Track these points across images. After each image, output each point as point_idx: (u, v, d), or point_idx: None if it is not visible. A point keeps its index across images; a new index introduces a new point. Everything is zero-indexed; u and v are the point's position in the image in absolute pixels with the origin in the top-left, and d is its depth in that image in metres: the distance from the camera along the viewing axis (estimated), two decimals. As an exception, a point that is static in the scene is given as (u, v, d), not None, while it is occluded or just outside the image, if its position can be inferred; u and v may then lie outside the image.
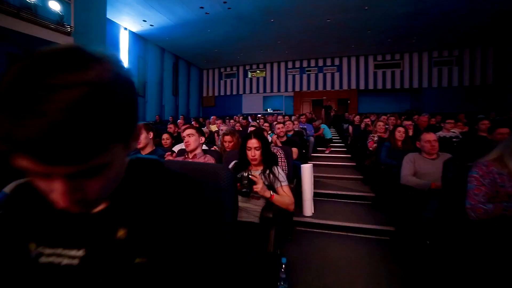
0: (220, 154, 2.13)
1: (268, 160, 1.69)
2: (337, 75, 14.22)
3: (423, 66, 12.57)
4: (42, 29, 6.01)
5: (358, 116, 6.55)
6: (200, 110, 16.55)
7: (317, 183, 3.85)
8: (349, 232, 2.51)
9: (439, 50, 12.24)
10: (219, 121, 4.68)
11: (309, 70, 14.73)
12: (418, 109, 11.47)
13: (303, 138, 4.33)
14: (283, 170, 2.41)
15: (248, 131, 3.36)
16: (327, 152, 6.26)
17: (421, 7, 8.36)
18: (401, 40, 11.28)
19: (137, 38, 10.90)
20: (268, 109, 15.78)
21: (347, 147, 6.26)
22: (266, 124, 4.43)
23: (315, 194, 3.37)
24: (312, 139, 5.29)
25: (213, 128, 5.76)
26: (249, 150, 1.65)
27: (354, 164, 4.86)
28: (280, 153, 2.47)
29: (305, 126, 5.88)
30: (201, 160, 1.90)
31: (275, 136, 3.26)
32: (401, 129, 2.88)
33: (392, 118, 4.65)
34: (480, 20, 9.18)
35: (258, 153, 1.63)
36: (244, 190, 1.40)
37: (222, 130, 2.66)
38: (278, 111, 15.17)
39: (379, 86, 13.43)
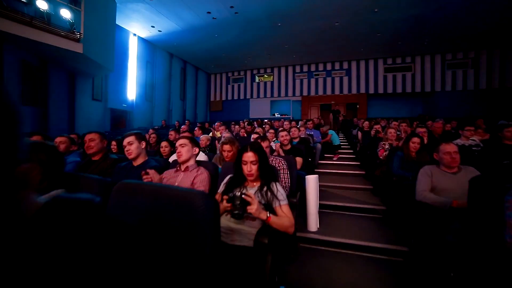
0: (216, 167, 1.96)
1: (266, 176, 1.50)
2: (345, 79, 13.93)
3: (435, 69, 12.11)
4: (53, 37, 6.08)
5: (367, 122, 6.27)
6: (208, 115, 16.54)
7: (323, 193, 3.63)
8: (357, 251, 2.28)
9: (453, 52, 11.77)
10: (222, 128, 4.51)
11: (317, 74, 14.50)
12: (430, 114, 11.00)
13: (310, 145, 4.11)
14: (285, 183, 2.23)
15: (252, 139, 3.17)
16: (335, 159, 6.00)
17: (433, 8, 8.03)
18: (413, 43, 10.92)
19: (145, 43, 11.00)
20: (276, 114, 15.61)
21: (356, 154, 5.99)
22: (272, 131, 4.24)
23: (321, 206, 3.15)
24: (319, 146, 5.06)
25: (219, 134, 5.62)
26: (245, 164, 1.47)
27: (364, 173, 4.60)
28: (283, 164, 2.28)
29: (312, 133, 5.66)
30: (193, 173, 1.74)
31: (278, 145, 3.07)
32: (416, 140, 2.62)
33: (404, 124, 4.37)
34: (498, 21, 8.75)
35: (254, 168, 1.46)
36: (236, 212, 1.22)
37: (224, 137, 2.49)
38: (286, 116, 14.97)
39: (389, 90, 13.03)
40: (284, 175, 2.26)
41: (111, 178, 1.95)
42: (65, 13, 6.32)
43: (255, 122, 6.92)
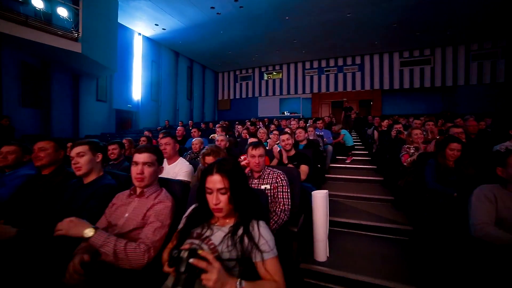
0: (185, 188, 1.44)
1: (244, 210, 0.97)
2: (358, 74, 13.08)
3: (458, 61, 11.02)
4: (50, 36, 5.81)
5: (386, 120, 5.57)
6: (216, 114, 16.16)
7: (334, 205, 3.04)
8: (380, 293, 1.70)
9: (480, 42, 10.62)
10: (219, 129, 3.95)
11: (328, 70, 13.72)
12: (451, 110, 10.03)
13: (319, 149, 3.51)
14: (284, 205, 1.69)
15: (249, 141, 2.60)
16: (348, 161, 5.37)
17: (458, -8, 7.15)
18: (432, 33, 9.94)
19: (150, 42, 10.69)
20: (285, 112, 14.98)
21: (372, 156, 5.32)
22: (276, 132, 3.67)
23: (332, 223, 2.59)
24: (330, 148, 4.46)
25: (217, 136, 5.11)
26: (209, 193, 0.94)
27: (382, 179, 3.96)
28: (282, 180, 1.74)
29: (322, 133, 5.05)
30: (150, 200, 1.23)
31: (276, 150, 2.50)
32: (455, 146, 1.96)
33: (431, 123, 3.67)
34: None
35: (224, 198, 0.92)
36: (178, 286, 0.69)
37: (207, 147, 1.96)
38: (296, 114, 14.31)
39: (406, 85, 12.07)
40: (283, 194, 1.71)
41: (57, 200, 1.50)
42: (62, 12, 6.02)
43: (260, 122, 6.36)
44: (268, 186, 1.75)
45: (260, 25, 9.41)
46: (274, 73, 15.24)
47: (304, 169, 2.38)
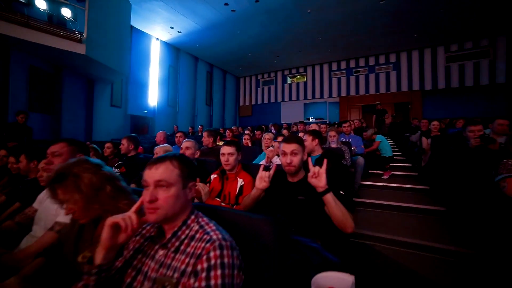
0: None
1: None
2: (393, 74, 11.27)
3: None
4: (52, 37, 5.41)
5: (436, 122, 4.06)
6: (237, 120, 15.35)
7: (369, 257, 1.78)
8: None
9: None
10: (205, 134, 2.82)
11: (358, 71, 12.10)
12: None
13: (341, 164, 2.25)
14: None
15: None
16: (385, 177, 3.96)
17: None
18: (493, 18, 7.90)
19: (168, 47, 10.28)
20: (310, 118, 13.57)
21: (421, 171, 3.84)
22: (280, 139, 2.54)
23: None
24: (361, 160, 3.15)
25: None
26: None
27: (442, 209, 2.55)
28: (212, 257, 0.61)
29: (350, 140, 3.75)
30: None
31: (262, 178, 1.31)
32: None
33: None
34: None
35: None
36: None
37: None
38: (322, 120, 12.83)
39: (454, 84, 9.96)
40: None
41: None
42: (66, 13, 5.64)
43: (272, 126, 5.21)
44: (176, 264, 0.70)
45: (278, 21, 8.37)
46: (298, 76, 14.00)
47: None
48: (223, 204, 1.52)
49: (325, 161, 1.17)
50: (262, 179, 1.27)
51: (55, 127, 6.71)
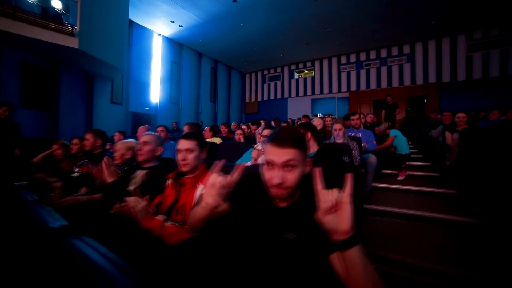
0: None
1: None
2: (407, 66, 10.41)
3: None
4: (42, 30, 5.10)
5: (462, 114, 3.40)
6: (243, 117, 14.87)
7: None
8: None
9: None
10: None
11: (368, 64, 11.29)
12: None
13: (344, 163, 1.69)
14: None
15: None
16: (400, 178, 3.36)
17: None
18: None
19: (170, 43, 9.90)
20: (318, 114, 12.89)
21: (444, 171, 3.21)
22: (266, 133, 2.07)
23: None
24: (372, 159, 2.59)
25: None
26: None
27: (480, 221, 1.96)
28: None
29: (359, 134, 3.18)
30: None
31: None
32: None
33: None
34: None
35: None
36: None
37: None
38: (331, 116, 12.11)
39: (477, 75, 9.02)
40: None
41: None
42: (57, 4, 5.32)
43: (273, 121, 4.67)
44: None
45: (283, 11, 7.77)
46: (306, 71, 13.32)
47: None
48: (169, 223, 1.04)
49: (349, 177, 0.62)
50: (212, 190, 0.78)
51: (52, 125, 6.48)
